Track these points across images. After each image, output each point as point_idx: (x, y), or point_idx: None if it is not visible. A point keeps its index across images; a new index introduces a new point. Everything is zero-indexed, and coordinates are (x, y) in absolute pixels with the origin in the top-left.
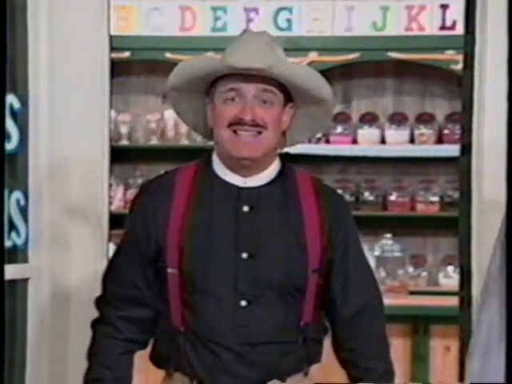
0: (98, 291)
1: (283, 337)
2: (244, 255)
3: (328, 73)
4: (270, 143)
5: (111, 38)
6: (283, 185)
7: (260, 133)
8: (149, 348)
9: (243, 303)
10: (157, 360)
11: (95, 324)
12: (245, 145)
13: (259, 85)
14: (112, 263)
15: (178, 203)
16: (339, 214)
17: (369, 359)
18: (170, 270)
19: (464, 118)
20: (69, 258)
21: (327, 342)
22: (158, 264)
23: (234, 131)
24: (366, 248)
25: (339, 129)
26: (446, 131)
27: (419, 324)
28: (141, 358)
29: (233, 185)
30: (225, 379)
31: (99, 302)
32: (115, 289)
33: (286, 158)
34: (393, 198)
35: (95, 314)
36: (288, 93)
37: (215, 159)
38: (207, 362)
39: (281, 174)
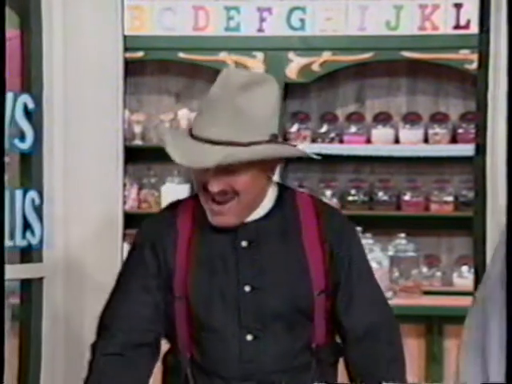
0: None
1: (293, 362)
2: (247, 288)
3: (341, 72)
4: (245, 205)
5: (125, 37)
6: (282, 212)
7: (232, 198)
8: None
9: (249, 338)
10: None
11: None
12: (219, 214)
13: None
14: (110, 309)
15: (183, 237)
16: (340, 231)
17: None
18: (177, 295)
19: (478, 117)
20: (83, 257)
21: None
22: (167, 298)
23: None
24: (379, 248)
25: (353, 128)
26: (460, 131)
27: (433, 324)
28: None
29: None
30: None
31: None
32: (119, 335)
33: (299, 159)
34: (407, 197)
35: None
36: None
37: None
38: None
39: (279, 201)
